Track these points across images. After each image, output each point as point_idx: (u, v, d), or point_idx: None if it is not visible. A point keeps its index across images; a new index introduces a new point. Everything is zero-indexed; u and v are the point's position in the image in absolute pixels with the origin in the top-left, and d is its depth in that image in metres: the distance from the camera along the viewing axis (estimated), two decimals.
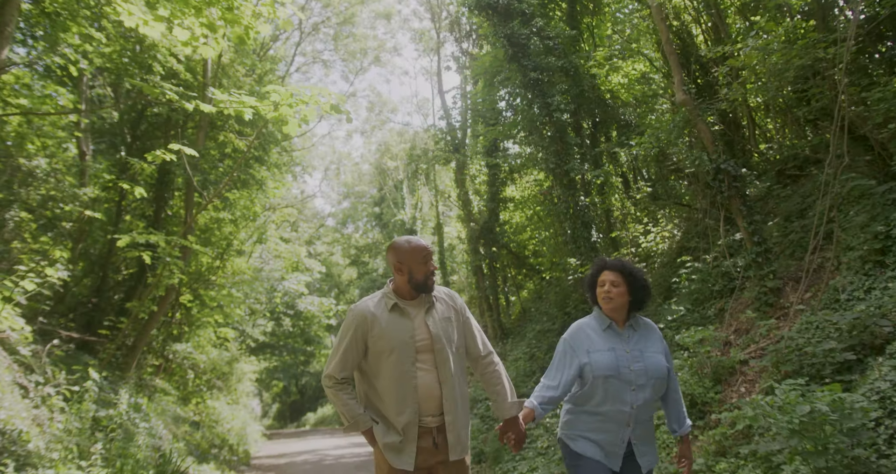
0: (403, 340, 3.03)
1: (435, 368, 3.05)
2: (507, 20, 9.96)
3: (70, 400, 6.82)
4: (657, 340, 3.19)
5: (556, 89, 10.02)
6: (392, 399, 3.02)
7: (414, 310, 3.13)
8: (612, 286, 3.12)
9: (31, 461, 5.08)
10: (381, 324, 3.04)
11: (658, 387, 3.08)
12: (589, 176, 10.50)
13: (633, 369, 3.02)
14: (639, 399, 3.01)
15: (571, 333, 3.22)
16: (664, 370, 3.08)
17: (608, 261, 3.24)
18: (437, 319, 3.12)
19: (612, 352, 3.06)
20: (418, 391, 3.01)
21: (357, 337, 3.05)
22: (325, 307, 29.20)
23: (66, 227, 11.57)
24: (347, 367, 3.09)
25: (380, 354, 3.04)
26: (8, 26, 5.56)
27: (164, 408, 10.88)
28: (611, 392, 3.02)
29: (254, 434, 19.16)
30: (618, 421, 3.03)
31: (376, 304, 3.12)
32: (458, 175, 19.18)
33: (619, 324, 3.17)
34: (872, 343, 4.93)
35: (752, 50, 6.05)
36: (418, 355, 3.04)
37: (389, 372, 3.02)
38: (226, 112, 6.35)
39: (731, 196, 7.22)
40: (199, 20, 7.20)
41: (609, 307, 3.14)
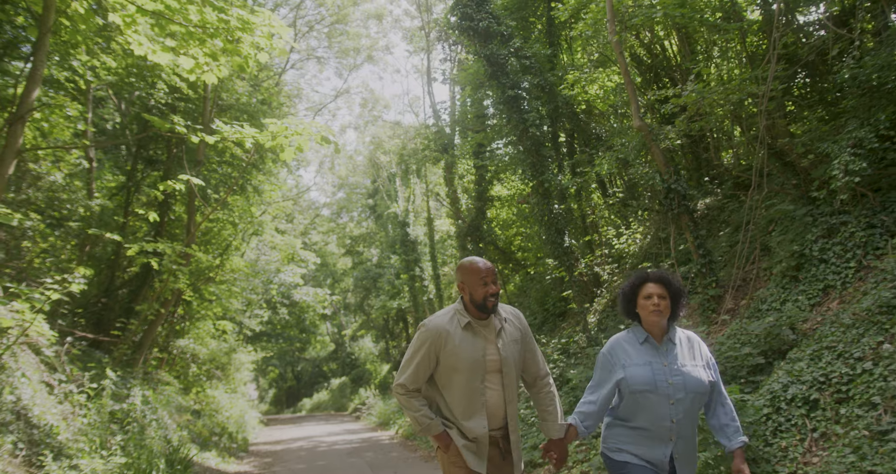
0: (475, 359, 3.13)
1: (502, 388, 3.17)
2: (487, 41, 10.71)
3: (90, 397, 7.64)
4: (699, 353, 3.14)
5: (532, 105, 10.80)
6: (461, 410, 3.16)
7: (486, 329, 3.22)
8: (660, 299, 3.06)
9: (64, 451, 5.92)
10: (455, 341, 3.14)
11: (698, 401, 3.04)
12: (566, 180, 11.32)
13: (672, 382, 2.98)
14: (678, 413, 2.97)
15: (609, 348, 3.20)
16: (705, 385, 3.03)
17: (650, 273, 3.19)
18: (506, 342, 3.22)
19: (649, 366, 3.03)
20: (487, 406, 3.15)
21: (430, 352, 3.16)
22: (320, 297, 30.07)
23: (73, 227, 12.33)
24: (419, 380, 3.22)
25: (452, 369, 3.16)
26: (39, 69, 6.29)
27: (168, 399, 11.72)
28: (648, 407, 3.00)
29: (252, 421, 20.02)
30: (658, 436, 3.01)
31: (449, 321, 3.20)
32: (446, 174, 19.98)
33: (657, 337, 3.12)
34: (780, 349, 5.80)
35: (691, 92, 6.89)
36: (487, 374, 3.16)
37: (460, 387, 3.15)
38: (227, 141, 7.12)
39: (681, 213, 8.06)
40: (203, 50, 7.97)
41: (657, 320, 3.07)
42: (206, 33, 7.78)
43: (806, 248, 6.55)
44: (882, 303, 4.93)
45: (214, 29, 7.60)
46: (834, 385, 4.73)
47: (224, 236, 14.07)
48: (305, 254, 29.48)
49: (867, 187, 6.28)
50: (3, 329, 6.37)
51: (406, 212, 27.34)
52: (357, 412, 25.83)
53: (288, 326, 32.59)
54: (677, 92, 7.17)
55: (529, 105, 10.77)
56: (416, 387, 3.21)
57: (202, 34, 7.80)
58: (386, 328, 35.55)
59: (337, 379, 39.34)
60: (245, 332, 25.35)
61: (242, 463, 12.22)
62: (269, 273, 24.86)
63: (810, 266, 6.44)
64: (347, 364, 39.27)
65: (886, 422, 4.04)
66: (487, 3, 10.90)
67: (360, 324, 39.69)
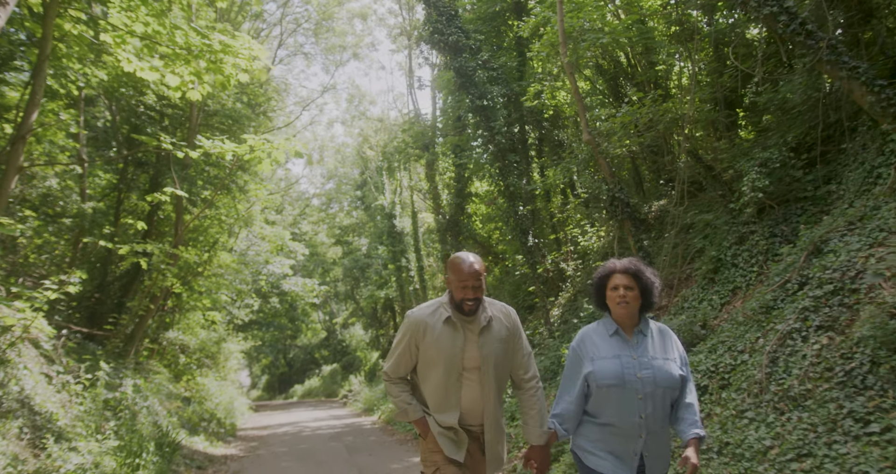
0: (452, 354, 3.07)
1: (480, 386, 3.11)
2: (457, 54, 11.44)
3: (85, 387, 8.43)
4: (671, 346, 3.03)
5: (499, 114, 11.55)
6: (436, 404, 3.14)
7: (469, 326, 3.13)
8: (626, 290, 2.97)
9: (64, 435, 6.72)
10: (433, 335, 3.08)
11: (668, 396, 2.93)
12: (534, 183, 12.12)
13: (641, 377, 2.87)
14: (647, 408, 2.87)
15: (578, 341, 3.10)
16: (676, 379, 2.92)
17: (618, 263, 3.08)
18: (490, 340, 3.12)
19: (618, 360, 2.92)
20: (461, 403, 3.12)
21: (410, 343, 3.14)
22: (309, 287, 30.79)
23: (66, 223, 13.04)
24: (401, 370, 3.22)
25: (428, 363, 3.13)
26: (38, 94, 7.00)
27: (159, 387, 12.50)
28: (616, 402, 2.90)
29: (241, 407, 20.82)
30: (627, 432, 2.90)
31: (431, 314, 3.14)
32: (428, 171, 20.76)
33: (627, 329, 3.02)
34: (691, 342, 6.63)
35: (624, 115, 7.68)
36: (465, 371, 3.10)
37: (436, 380, 3.11)
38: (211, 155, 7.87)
39: (624, 218, 8.87)
40: (188, 69, 8.69)
41: (625, 312, 2.98)
42: (190, 55, 8.50)
43: (722, 253, 7.39)
44: (763, 304, 5.77)
45: (199, 51, 8.32)
46: (720, 373, 5.57)
47: (211, 233, 14.80)
48: (294, 245, 30.01)
49: (773, 200, 7.10)
50: (7, 327, 7.14)
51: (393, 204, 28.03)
52: (345, 398, 26.68)
53: (278, 315, 33.33)
54: (612, 113, 7.96)
55: (497, 114, 11.52)
56: (398, 376, 3.22)
57: (187, 55, 8.52)
58: (374, 316, 36.27)
59: (328, 365, 39.96)
60: (235, 322, 26.08)
61: (229, 446, 13.04)
62: (258, 264, 25.50)
63: (724, 269, 7.28)
64: (339, 351, 39.95)
65: (747, 403, 4.88)
66: (457, 18, 11.62)
67: (351, 312, 40.35)
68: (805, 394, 4.44)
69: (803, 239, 6.06)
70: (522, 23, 10.57)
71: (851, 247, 5.19)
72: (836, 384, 4.24)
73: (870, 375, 4.05)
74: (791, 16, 6.38)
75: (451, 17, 11.51)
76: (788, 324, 5.09)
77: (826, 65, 6.23)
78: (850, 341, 4.38)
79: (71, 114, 12.05)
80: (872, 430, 3.72)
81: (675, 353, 3.00)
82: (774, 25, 6.45)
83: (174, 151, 7.73)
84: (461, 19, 11.85)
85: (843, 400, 4.07)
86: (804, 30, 6.30)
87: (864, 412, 3.88)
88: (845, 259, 5.10)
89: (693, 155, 8.03)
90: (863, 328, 4.26)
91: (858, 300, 4.66)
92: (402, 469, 9.01)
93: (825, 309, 4.90)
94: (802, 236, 6.15)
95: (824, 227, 5.95)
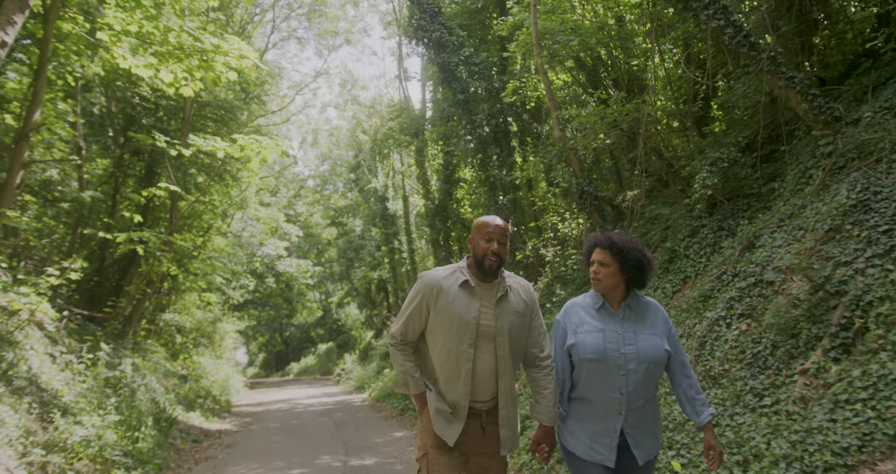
0: (466, 320, 2.92)
1: (494, 358, 2.94)
2: (440, 50, 11.93)
3: (87, 366, 9.05)
4: (658, 321, 2.95)
5: (480, 108, 12.07)
6: (445, 373, 2.96)
7: (486, 292, 3.00)
8: (600, 266, 2.92)
9: (69, 410, 7.35)
10: (447, 298, 2.95)
11: (653, 372, 2.84)
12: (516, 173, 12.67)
13: (624, 352, 2.81)
14: (629, 384, 2.79)
15: (563, 313, 3.04)
16: (661, 354, 2.85)
17: (600, 237, 3.01)
18: (507, 310, 2.98)
19: (601, 334, 2.86)
20: (474, 374, 2.93)
21: (422, 305, 2.99)
22: (303, 269, 31.37)
23: (65, 207, 13.57)
24: (409, 332, 3.05)
25: (438, 328, 2.97)
26: (39, 94, 7.51)
27: (156, 366, 13.14)
28: (598, 376, 2.84)
29: (236, 385, 21.53)
30: (607, 408, 2.84)
31: (447, 276, 3.02)
32: (417, 157, 21.27)
33: (613, 303, 2.95)
34: None
35: (588, 115, 8.23)
36: (479, 340, 2.93)
37: (447, 346, 2.94)
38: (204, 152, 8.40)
39: (592, 210, 9.46)
40: (181, 66, 9.19)
41: (598, 289, 2.96)
42: (183, 53, 8.99)
43: (676, 245, 7.99)
44: (702, 293, 6.38)
45: (191, 50, 8.82)
46: None
47: (205, 219, 15.35)
48: (289, 227, 30.47)
49: (724, 196, 7.68)
50: (15, 311, 7.73)
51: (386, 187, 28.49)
52: (339, 376, 27.44)
53: (273, 295, 33.97)
54: (579, 112, 8.51)
55: (478, 107, 12.04)
56: (405, 339, 3.06)
57: (180, 54, 9.01)
58: (368, 297, 36.86)
59: (324, 344, 40.67)
60: (231, 302, 26.72)
61: (224, 422, 13.73)
62: (252, 246, 26.01)
63: (678, 260, 7.88)
64: (334, 330, 40.62)
65: None
66: (440, 14, 12.09)
67: (346, 292, 40.94)
68: (723, 374, 5.07)
69: (740, 234, 6.67)
70: (503, 21, 11.04)
71: (775, 243, 5.79)
72: (745, 364, 4.86)
73: (770, 357, 4.67)
74: (737, 29, 6.91)
75: (434, 13, 11.97)
76: (717, 312, 5.71)
77: (767, 74, 6.77)
78: (760, 327, 5.00)
79: (68, 103, 12.56)
80: (765, 403, 4.35)
81: (661, 328, 2.92)
82: (722, 37, 6.99)
83: (168, 149, 8.25)
84: (445, 15, 12.31)
85: (748, 379, 4.70)
86: (748, 42, 6.83)
87: (761, 388, 4.50)
88: (767, 254, 5.70)
89: (656, 152, 8.59)
90: (769, 316, 4.87)
91: (774, 291, 5.27)
92: (384, 442, 9.67)
93: (747, 299, 5.51)
94: (739, 232, 6.75)
95: (759, 224, 6.55)
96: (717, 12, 6.95)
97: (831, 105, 6.53)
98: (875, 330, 3.98)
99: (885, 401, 3.50)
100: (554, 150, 9.91)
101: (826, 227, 5.06)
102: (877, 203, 4.76)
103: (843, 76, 7.69)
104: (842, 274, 4.53)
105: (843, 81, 7.56)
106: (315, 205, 40.24)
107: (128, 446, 7.84)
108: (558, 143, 9.74)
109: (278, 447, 9.70)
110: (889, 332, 3.85)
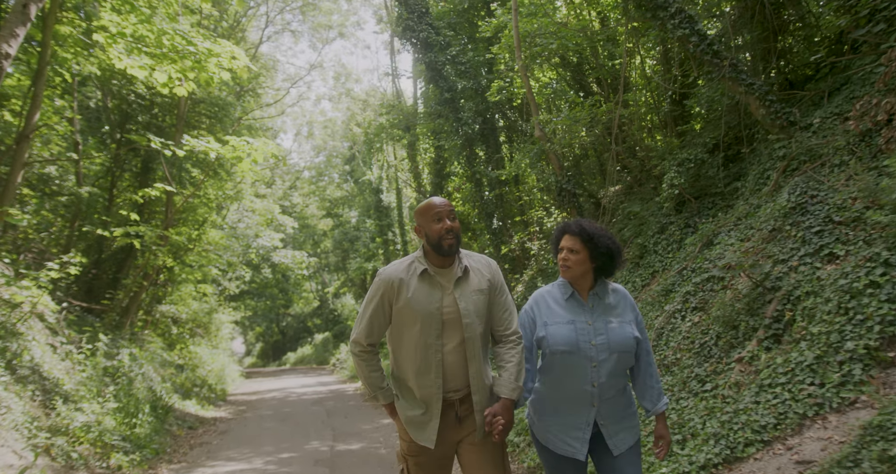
0: (429, 311, 2.82)
1: (462, 343, 2.85)
2: (427, 50, 12.29)
3: (87, 356, 9.47)
4: (627, 309, 2.90)
5: (466, 106, 12.46)
6: (414, 370, 2.87)
7: (444, 278, 2.90)
8: (569, 253, 2.83)
9: (70, 398, 7.77)
10: (408, 292, 2.84)
11: (623, 361, 2.81)
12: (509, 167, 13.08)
13: (595, 344, 2.76)
14: (601, 376, 2.75)
15: (531, 304, 2.98)
16: (631, 342, 2.81)
17: (569, 224, 2.93)
18: (468, 291, 2.89)
19: (572, 325, 2.79)
20: (444, 365, 2.85)
21: (383, 302, 2.89)
22: (298, 260, 31.75)
23: (62, 201, 13.94)
24: (374, 333, 2.94)
25: (404, 323, 2.88)
26: (39, 97, 7.88)
27: (153, 355, 13.56)
28: (569, 369, 2.78)
29: (232, 374, 21.96)
30: (580, 400, 2.79)
31: (405, 269, 2.90)
32: (409, 151, 21.64)
33: (582, 292, 2.88)
34: None
35: (564, 118, 8.64)
36: (445, 328, 2.85)
37: (413, 342, 2.86)
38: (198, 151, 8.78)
39: (570, 207, 9.87)
40: (175, 67, 9.55)
41: (567, 276, 2.88)
42: (177, 55, 9.35)
43: (646, 241, 8.42)
44: (665, 287, 6.82)
45: (185, 53, 9.18)
46: None
47: (200, 213, 15.73)
48: (284, 218, 30.75)
49: (691, 195, 8.10)
50: (17, 303, 8.14)
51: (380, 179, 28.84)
52: (333, 366, 27.85)
53: (269, 286, 34.35)
54: (553, 117, 8.93)
55: (464, 106, 12.43)
56: (370, 342, 2.95)
57: (174, 56, 9.37)
58: (364, 287, 37.16)
59: (321, 334, 41.02)
60: (227, 293, 27.09)
61: (219, 410, 14.17)
62: (248, 237, 26.34)
63: (648, 255, 8.32)
64: (330, 320, 40.95)
65: None
66: (427, 15, 12.44)
67: (342, 282, 41.29)
68: (675, 362, 5.51)
69: (700, 232, 7.09)
70: (487, 22, 11.41)
71: (729, 241, 6.22)
72: (693, 354, 5.30)
73: (714, 347, 5.11)
74: (701, 37, 7.30)
75: (422, 14, 12.33)
76: (674, 306, 6.14)
77: (728, 80, 7.18)
78: (708, 319, 5.43)
79: (66, 100, 12.91)
80: (706, 388, 4.79)
81: (630, 315, 2.87)
82: (687, 45, 7.38)
83: (163, 150, 8.63)
84: (432, 15, 12.66)
85: (694, 367, 5.14)
86: (711, 50, 7.23)
87: (704, 375, 4.94)
88: (720, 251, 6.13)
89: (631, 151, 9.00)
90: (715, 309, 5.31)
91: (723, 287, 5.70)
92: (371, 429, 10.12)
93: (700, 293, 5.94)
94: (700, 229, 7.17)
95: (719, 222, 6.97)
96: (683, 22, 7.35)
97: (787, 110, 6.94)
98: (800, 322, 4.41)
99: (799, 385, 3.95)
100: (534, 149, 10.31)
101: (770, 228, 5.49)
102: (813, 206, 5.18)
103: (809, 79, 8.10)
104: (778, 271, 4.97)
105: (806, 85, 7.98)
106: (311, 196, 40.49)
107: (126, 431, 8.27)
108: (538, 142, 10.14)
109: (270, 433, 10.15)
110: (810, 324, 4.28)
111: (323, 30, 27.78)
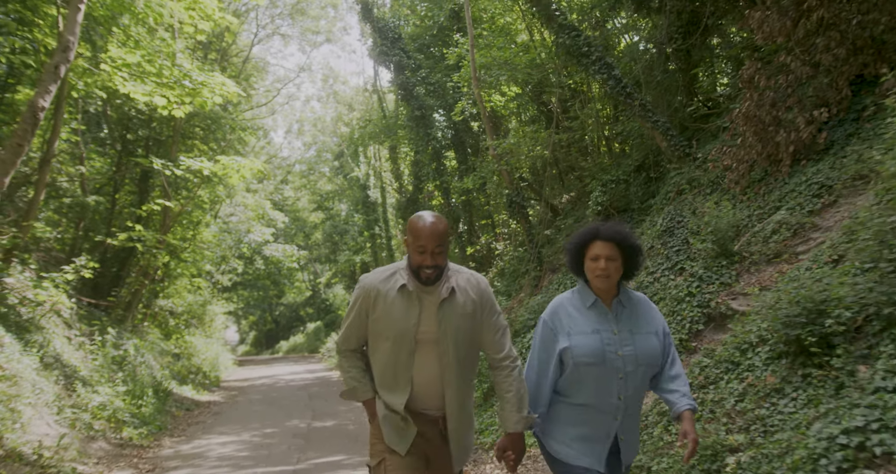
0: (404, 328, 2.68)
1: (438, 366, 2.71)
2: (399, 72, 13.67)
3: (98, 346, 10.90)
4: (652, 317, 2.75)
5: (434, 121, 13.87)
6: (385, 382, 2.79)
7: (428, 296, 2.72)
8: (608, 261, 2.61)
9: (87, 382, 9.21)
10: (384, 304, 2.71)
11: (649, 374, 2.69)
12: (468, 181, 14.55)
13: (622, 354, 2.60)
14: (628, 388, 2.62)
15: (551, 312, 2.78)
16: (657, 353, 2.67)
17: (602, 228, 2.69)
18: (451, 314, 2.71)
19: (598, 335, 2.61)
20: (414, 383, 2.72)
21: (361, 312, 2.78)
22: (289, 253, 32.97)
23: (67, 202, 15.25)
24: (352, 341, 2.88)
25: (378, 335, 2.76)
26: (58, 126, 9.22)
27: (153, 345, 14.96)
28: (594, 381, 2.62)
29: (225, 362, 23.33)
30: (604, 413, 2.65)
31: (385, 280, 2.76)
32: (391, 154, 23.01)
33: (606, 300, 2.70)
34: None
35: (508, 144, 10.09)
36: (419, 346, 2.70)
37: (385, 356, 2.75)
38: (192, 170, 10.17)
39: (520, 218, 11.32)
40: (173, 93, 10.89)
41: (604, 286, 2.66)
42: (175, 84, 10.70)
43: None
44: None
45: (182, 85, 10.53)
46: None
47: (194, 215, 17.08)
48: (275, 213, 31.85)
49: (616, 209, 9.56)
50: (41, 302, 9.55)
51: (367, 175, 30.16)
52: (322, 354, 29.20)
53: (261, 277, 35.58)
54: (498, 142, 10.37)
55: (433, 122, 13.84)
56: (348, 348, 2.90)
57: (173, 84, 10.72)
58: (353, 278, 38.31)
59: (313, 323, 42.14)
60: (219, 286, 28.36)
61: (213, 395, 15.62)
62: (239, 232, 27.54)
63: None
64: (322, 309, 42.00)
65: None
66: (400, 40, 13.81)
67: (333, 273, 42.38)
68: None
69: None
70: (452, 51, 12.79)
71: None
72: None
73: None
74: (617, 81, 8.73)
75: (394, 40, 13.69)
76: None
77: (639, 117, 8.62)
78: None
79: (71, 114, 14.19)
80: None
81: (655, 325, 2.72)
82: (605, 86, 8.82)
83: (163, 170, 10.01)
84: (404, 40, 14.02)
85: None
86: (625, 92, 8.66)
87: None
88: None
89: (571, 169, 10.46)
90: None
91: None
92: (346, 410, 11.58)
93: None
94: None
95: None
96: (602, 68, 8.77)
97: (684, 143, 8.40)
98: None
99: None
100: (489, 165, 11.76)
101: (649, 246, 6.94)
102: (678, 229, 6.63)
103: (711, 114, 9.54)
104: (646, 281, 6.43)
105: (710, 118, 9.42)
106: (301, 190, 41.50)
107: (134, 410, 9.72)
108: (492, 161, 11.59)
109: (257, 414, 11.62)
110: None
111: (311, 34, 29.06)
